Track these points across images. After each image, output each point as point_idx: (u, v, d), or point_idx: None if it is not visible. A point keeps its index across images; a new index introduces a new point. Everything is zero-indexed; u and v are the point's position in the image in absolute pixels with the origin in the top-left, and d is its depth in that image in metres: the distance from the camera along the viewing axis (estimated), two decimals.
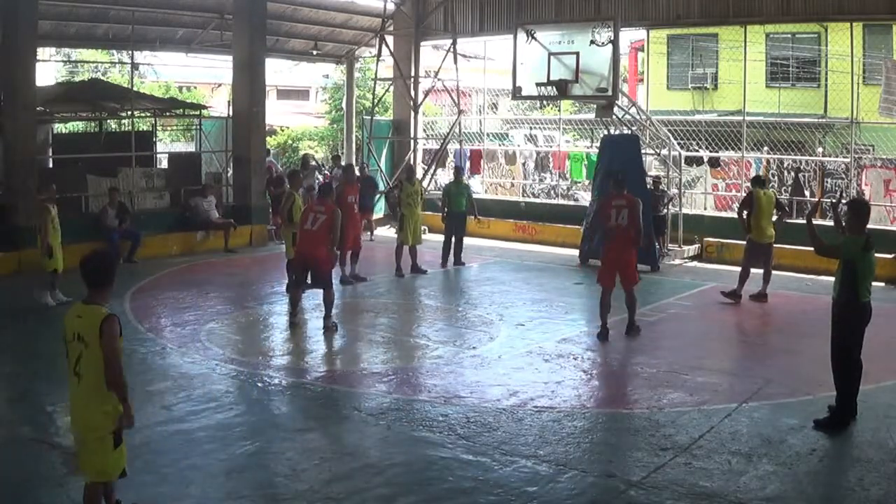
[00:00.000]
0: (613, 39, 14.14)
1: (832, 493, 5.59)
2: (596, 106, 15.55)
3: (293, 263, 10.35)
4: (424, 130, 21.07)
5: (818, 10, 15.17)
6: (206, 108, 21.82)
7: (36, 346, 8.94)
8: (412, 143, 19.87)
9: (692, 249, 15.57)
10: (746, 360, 8.97)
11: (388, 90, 20.59)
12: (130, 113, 16.69)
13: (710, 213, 17.33)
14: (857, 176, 15.55)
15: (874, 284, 6.80)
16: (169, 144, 24.87)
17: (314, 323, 9.98)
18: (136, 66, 19.31)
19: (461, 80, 19.33)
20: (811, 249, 7.14)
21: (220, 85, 30.92)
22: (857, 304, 6.53)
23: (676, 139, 17.16)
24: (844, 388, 6.61)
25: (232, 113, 17.46)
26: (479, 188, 20.47)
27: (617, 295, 9.54)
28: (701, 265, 15.03)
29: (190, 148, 21.66)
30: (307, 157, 19.84)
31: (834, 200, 8.52)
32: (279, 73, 28.97)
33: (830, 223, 8.76)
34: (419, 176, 17.57)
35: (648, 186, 14.62)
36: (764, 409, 7.06)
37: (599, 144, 16.02)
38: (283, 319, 10.28)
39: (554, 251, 16.28)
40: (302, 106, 35.13)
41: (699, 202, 18.08)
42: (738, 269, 11.86)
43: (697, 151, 18.06)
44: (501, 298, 11.73)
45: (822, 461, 6.06)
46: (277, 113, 28.98)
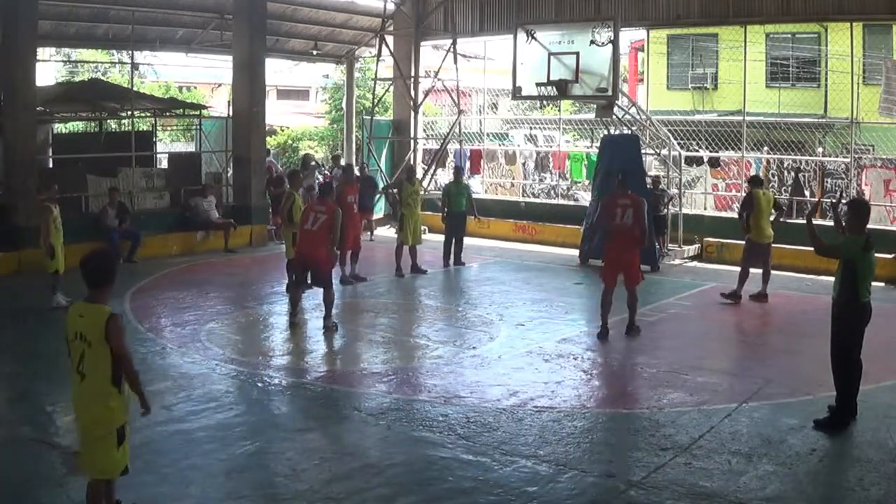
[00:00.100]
0: (613, 39, 14.15)
1: (832, 493, 5.59)
2: (596, 106, 15.56)
3: (293, 263, 10.36)
4: (424, 130, 21.06)
5: (818, 10, 15.17)
6: (206, 108, 21.82)
7: (36, 346, 8.95)
8: (412, 143, 19.87)
9: (692, 249, 15.58)
10: (746, 360, 8.96)
11: (388, 90, 20.59)
12: (130, 113, 16.70)
13: (710, 213, 17.32)
14: (857, 176, 15.55)
15: (874, 284, 6.80)
16: (169, 144, 24.87)
17: (314, 323, 9.98)
18: (136, 66, 19.31)
19: (461, 80, 19.33)
20: (811, 249, 7.14)
21: (220, 85, 30.92)
22: (857, 304, 6.53)
23: (676, 139, 17.16)
24: (844, 388, 6.61)
25: (232, 113, 17.47)
26: (479, 188, 20.48)
27: (618, 295, 9.54)
28: (701, 265, 15.04)
29: (190, 148, 21.66)
30: (307, 157, 19.83)
31: (834, 200, 8.52)
32: (279, 73, 28.97)
33: (830, 223, 8.76)
34: (419, 176, 17.58)
35: (648, 186, 14.62)
36: (764, 409, 7.07)
37: (599, 144, 16.02)
38: (283, 319, 10.28)
39: (554, 251, 16.28)
40: (302, 106, 35.12)
41: (699, 202, 18.07)
42: (737, 269, 11.87)
43: (697, 151, 18.06)
44: (501, 298, 11.73)
45: (822, 461, 6.06)
46: (277, 113, 28.97)
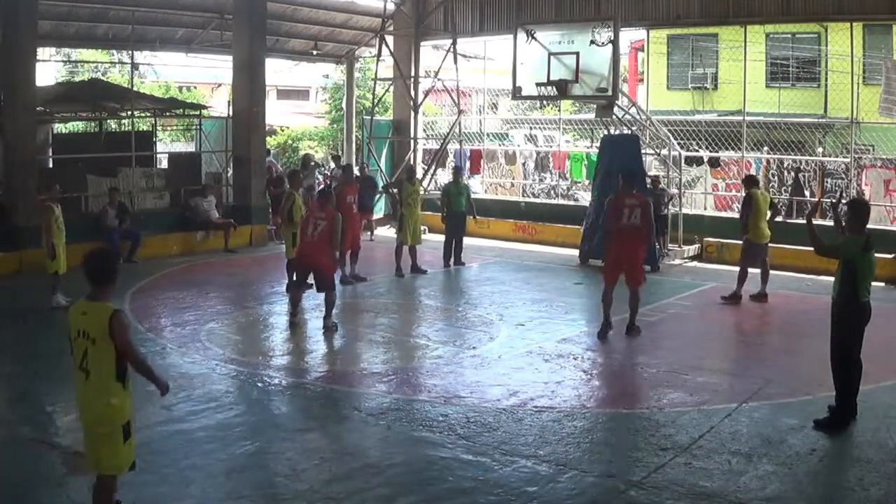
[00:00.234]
0: (613, 39, 14.14)
1: (832, 493, 5.59)
2: (596, 106, 15.56)
3: (295, 268, 10.35)
4: (424, 130, 21.06)
5: (818, 10, 15.16)
6: (206, 108, 21.83)
7: (36, 346, 8.94)
8: (412, 143, 19.87)
9: (692, 249, 15.57)
10: (746, 360, 8.96)
11: (388, 90, 20.59)
12: (130, 113, 16.71)
13: (710, 213, 17.32)
14: (857, 176, 15.55)
15: (874, 284, 6.80)
16: (169, 144, 24.89)
17: (314, 323, 9.98)
18: (136, 66, 19.32)
19: (461, 80, 19.33)
20: (811, 249, 7.14)
21: (220, 85, 30.93)
22: (856, 303, 6.53)
23: (676, 139, 17.16)
24: (844, 388, 6.61)
25: (232, 113, 17.47)
26: (479, 188, 20.49)
27: (618, 294, 9.54)
28: (701, 265, 15.03)
29: (190, 148, 21.67)
30: (307, 157, 19.84)
31: (834, 200, 8.52)
32: (279, 73, 28.98)
33: (830, 223, 8.76)
34: (419, 176, 17.58)
35: (647, 186, 14.61)
36: (764, 409, 7.06)
37: (599, 144, 16.02)
38: (283, 319, 10.28)
39: (554, 251, 16.28)
40: (302, 106, 35.13)
41: (699, 202, 18.07)
42: (737, 269, 11.85)
43: (697, 151, 18.06)
44: (501, 298, 11.73)
45: (822, 461, 6.06)
46: (277, 113, 28.98)
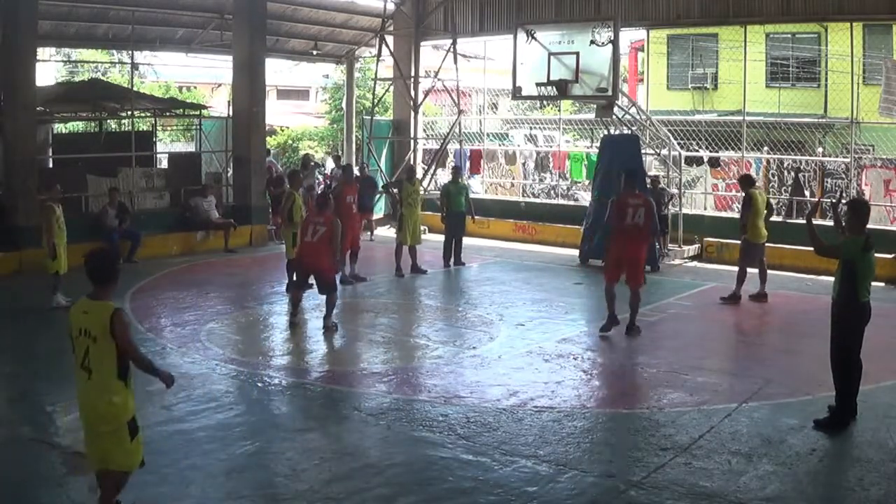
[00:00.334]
0: (613, 39, 14.15)
1: (832, 493, 5.59)
2: (596, 106, 15.56)
3: (296, 269, 10.33)
4: (424, 130, 21.06)
5: (818, 10, 15.17)
6: (206, 108, 21.83)
7: (36, 346, 8.95)
8: (412, 143, 19.88)
9: (692, 249, 15.57)
10: (746, 360, 8.96)
11: (388, 90, 20.59)
12: (130, 113, 16.71)
13: (710, 213, 17.32)
14: (857, 176, 15.54)
15: (874, 284, 6.80)
16: (169, 144, 24.89)
17: (314, 323, 9.98)
18: (136, 66, 19.33)
19: (461, 80, 19.33)
20: (811, 249, 7.14)
21: (220, 85, 30.92)
22: (856, 304, 6.53)
23: (676, 139, 17.16)
24: (844, 388, 6.61)
25: (232, 113, 17.47)
26: (479, 188, 20.50)
27: (619, 295, 9.55)
28: (701, 265, 15.03)
29: (190, 148, 21.67)
30: (307, 157, 19.83)
31: (834, 200, 8.51)
32: (279, 73, 28.95)
33: (830, 223, 8.76)
34: (419, 176, 17.58)
35: (647, 186, 14.60)
36: (764, 409, 7.06)
37: (599, 144, 16.02)
38: (283, 319, 10.28)
39: (554, 251, 16.28)
40: (302, 106, 35.12)
41: (699, 202, 18.08)
42: (737, 269, 11.84)
43: (697, 151, 18.06)
44: (501, 298, 11.73)
45: (822, 461, 6.06)
46: (277, 113, 28.98)
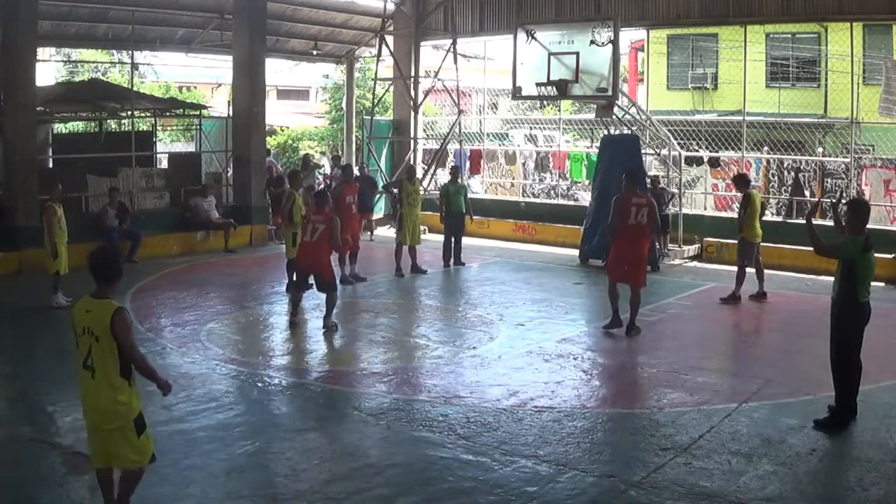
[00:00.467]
0: (613, 39, 14.14)
1: (832, 493, 5.59)
2: (596, 106, 15.56)
3: (296, 270, 10.33)
4: (424, 130, 21.06)
5: (818, 10, 15.16)
6: (206, 108, 21.82)
7: (36, 346, 8.95)
8: (412, 143, 19.88)
9: (692, 249, 15.57)
10: (746, 360, 8.96)
11: (388, 90, 20.59)
12: (130, 113, 16.71)
13: (710, 213, 17.32)
14: (857, 176, 15.54)
15: (874, 284, 6.81)
16: (169, 144, 24.89)
17: (314, 323, 9.98)
18: (136, 66, 19.32)
19: (461, 80, 19.33)
20: (811, 249, 7.14)
21: (220, 85, 30.92)
22: (856, 303, 6.53)
23: (676, 139, 17.15)
24: (844, 387, 6.61)
25: (232, 113, 17.47)
26: (479, 188, 20.51)
27: (622, 294, 9.58)
28: (701, 265, 15.03)
29: (190, 148, 21.67)
30: (307, 157, 19.82)
31: (834, 200, 8.52)
32: (279, 73, 28.95)
33: (830, 223, 8.76)
34: (419, 176, 17.57)
35: (647, 186, 14.60)
36: (764, 409, 7.06)
37: (599, 144, 16.02)
38: (283, 319, 10.28)
39: (554, 251, 16.28)
40: (302, 106, 35.10)
41: (699, 202, 18.07)
42: (736, 269, 11.84)
43: (697, 151, 18.06)
44: (501, 298, 11.72)
45: (822, 461, 6.06)
46: (277, 113, 28.96)
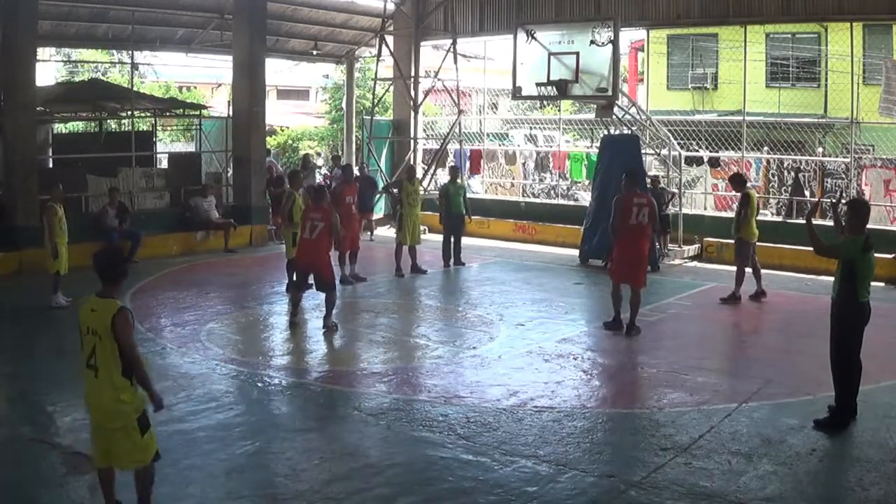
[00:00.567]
0: (613, 39, 14.15)
1: (832, 493, 5.59)
2: (596, 106, 15.56)
3: (295, 270, 10.33)
4: (424, 130, 21.06)
5: (818, 10, 15.16)
6: (206, 108, 21.82)
7: (36, 346, 8.95)
8: (412, 143, 19.88)
9: (692, 249, 15.57)
10: (746, 360, 8.96)
11: (388, 90, 20.59)
12: (130, 113, 16.71)
13: (710, 213, 17.33)
14: (857, 176, 15.55)
15: (874, 284, 6.81)
16: (169, 144, 24.89)
17: (314, 323, 9.98)
18: (136, 66, 19.32)
19: (461, 80, 19.33)
20: (811, 249, 7.14)
21: (220, 85, 30.93)
22: (856, 303, 6.53)
23: (676, 139, 17.16)
24: (844, 387, 6.61)
25: (232, 113, 17.47)
26: (479, 188, 20.51)
27: (624, 296, 9.58)
28: (701, 265, 15.03)
29: (190, 148, 21.67)
30: (307, 157, 19.81)
31: (834, 200, 8.52)
32: (279, 73, 28.96)
33: (830, 223, 8.76)
34: (419, 176, 17.57)
35: (647, 186, 14.60)
36: (764, 409, 7.06)
37: (599, 144, 16.02)
38: (283, 319, 10.28)
39: (554, 251, 16.28)
40: (302, 106, 35.11)
41: (699, 202, 18.09)
42: (735, 269, 11.84)
43: (697, 151, 18.06)
44: (501, 298, 11.72)
45: (822, 461, 6.06)
46: (277, 113, 28.96)
